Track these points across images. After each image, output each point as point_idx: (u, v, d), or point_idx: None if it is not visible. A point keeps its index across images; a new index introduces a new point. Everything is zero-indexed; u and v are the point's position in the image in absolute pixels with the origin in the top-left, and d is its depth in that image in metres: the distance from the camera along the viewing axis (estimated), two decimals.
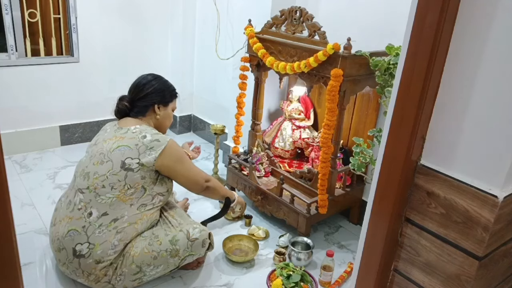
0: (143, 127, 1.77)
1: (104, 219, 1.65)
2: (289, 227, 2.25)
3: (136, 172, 1.67)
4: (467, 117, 0.98)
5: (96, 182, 1.67)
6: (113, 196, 1.66)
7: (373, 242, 1.19)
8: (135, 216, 1.70)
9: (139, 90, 1.85)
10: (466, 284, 1.05)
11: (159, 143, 1.71)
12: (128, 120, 1.83)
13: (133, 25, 3.22)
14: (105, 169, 1.67)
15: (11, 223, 0.76)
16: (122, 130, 1.76)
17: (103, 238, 1.64)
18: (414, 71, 1.00)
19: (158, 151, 1.70)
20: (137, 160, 1.67)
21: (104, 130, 1.86)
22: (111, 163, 1.68)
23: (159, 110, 1.86)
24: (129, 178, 1.67)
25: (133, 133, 1.73)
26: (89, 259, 1.63)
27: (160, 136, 1.74)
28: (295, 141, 2.46)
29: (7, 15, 2.68)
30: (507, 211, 1.01)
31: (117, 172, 1.66)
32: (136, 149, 1.68)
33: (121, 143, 1.70)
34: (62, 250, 1.67)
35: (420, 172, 1.09)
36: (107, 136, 1.78)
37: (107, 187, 1.66)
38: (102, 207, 1.66)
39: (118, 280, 1.67)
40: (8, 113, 2.83)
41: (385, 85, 1.81)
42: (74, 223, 1.66)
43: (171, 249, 1.71)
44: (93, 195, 1.67)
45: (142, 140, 1.70)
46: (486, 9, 0.92)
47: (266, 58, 2.16)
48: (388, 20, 2.08)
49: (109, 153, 1.69)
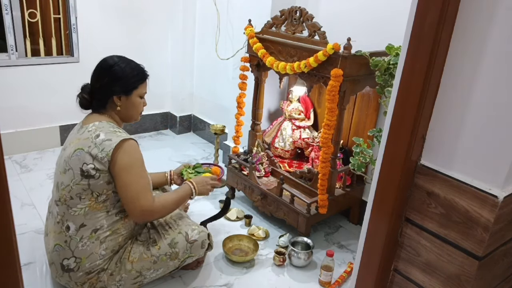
0: (102, 123, 1.58)
1: (83, 231, 1.56)
2: (289, 227, 2.25)
3: (98, 178, 1.52)
4: (467, 117, 0.98)
5: (64, 194, 1.56)
6: (85, 206, 1.55)
7: (373, 242, 1.19)
8: (116, 224, 1.61)
9: (97, 78, 1.64)
10: (466, 284, 1.05)
11: (109, 143, 1.51)
12: (91, 116, 1.64)
13: (133, 25, 3.22)
14: (68, 179, 1.55)
15: (11, 223, 0.76)
16: (82, 129, 1.59)
17: (88, 251, 1.57)
18: (414, 71, 1.00)
19: (109, 152, 1.50)
20: (92, 165, 1.51)
21: (72, 131, 1.70)
22: (72, 171, 1.54)
23: (119, 100, 1.63)
24: (93, 186, 1.53)
25: (88, 131, 1.55)
26: (78, 273, 1.58)
27: (113, 134, 1.54)
28: (295, 141, 2.46)
29: (7, 15, 2.68)
30: (507, 211, 1.01)
31: (79, 181, 1.53)
32: (89, 152, 1.51)
33: (77, 146, 1.54)
34: (51, 264, 1.65)
35: (420, 172, 1.09)
36: (72, 138, 1.63)
37: (75, 198, 1.54)
38: (77, 219, 1.56)
39: (118, 285, 1.64)
40: (8, 113, 2.83)
41: (385, 85, 1.81)
42: (57, 237, 1.60)
43: (171, 252, 1.69)
44: (65, 207, 1.57)
45: (95, 141, 1.52)
46: (486, 9, 0.92)
47: (266, 58, 2.16)
48: (388, 20, 2.08)
49: (69, 160, 1.55)
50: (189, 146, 3.39)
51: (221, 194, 2.65)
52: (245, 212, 2.43)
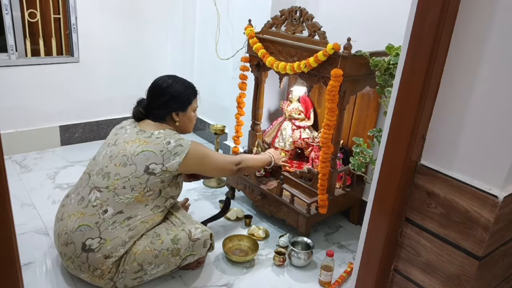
0: (167, 131, 1.77)
1: (118, 217, 1.67)
2: (289, 227, 2.25)
3: (158, 176, 1.69)
4: (467, 117, 0.99)
5: (117, 183, 1.68)
6: (132, 197, 1.68)
7: (373, 242, 1.19)
8: (148, 216, 1.73)
9: (155, 97, 1.83)
10: (466, 284, 1.05)
11: (182, 148, 1.72)
12: (149, 123, 1.82)
13: (133, 25, 3.22)
14: (128, 172, 1.69)
15: (11, 223, 0.76)
16: (146, 133, 1.76)
17: (115, 234, 1.65)
18: (414, 71, 1.00)
19: (182, 156, 1.71)
20: (161, 166, 1.69)
21: (124, 129, 1.84)
22: (134, 166, 1.69)
23: (177, 116, 1.86)
24: (150, 182, 1.69)
25: (157, 138, 1.73)
26: (98, 254, 1.63)
27: (183, 141, 1.75)
28: (295, 141, 2.46)
29: (7, 15, 2.68)
30: (507, 211, 1.01)
31: (140, 175, 1.68)
32: (161, 155, 1.70)
33: (146, 148, 1.70)
34: (70, 244, 1.67)
35: (420, 172, 1.09)
36: (128, 137, 1.77)
37: (127, 188, 1.68)
38: (118, 206, 1.67)
39: (120, 277, 1.68)
40: (8, 113, 2.83)
41: (385, 85, 1.81)
42: (86, 218, 1.67)
43: (173, 248, 1.71)
44: (111, 194, 1.68)
45: (167, 146, 1.71)
46: (486, 9, 0.92)
47: (266, 58, 2.16)
48: (388, 20, 2.08)
49: (133, 157, 1.70)
50: None
51: (221, 194, 2.66)
52: (245, 212, 2.43)
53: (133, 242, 1.69)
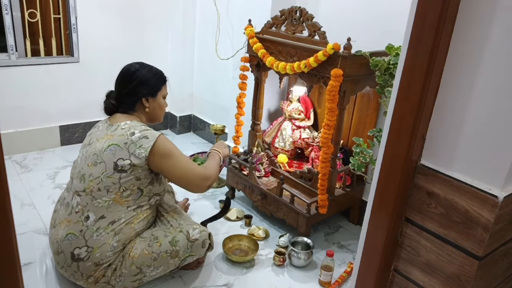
0: (133, 123, 1.70)
1: (101, 222, 1.63)
2: (289, 227, 2.25)
3: (130, 173, 1.63)
4: (467, 117, 0.98)
5: (92, 185, 1.64)
6: (110, 199, 1.64)
7: (373, 242, 1.19)
8: (133, 217, 1.69)
9: (124, 84, 1.76)
10: (466, 284, 1.05)
11: (147, 140, 1.63)
12: (118, 116, 1.76)
13: (133, 25, 3.22)
14: (99, 171, 1.64)
15: (11, 223, 0.76)
16: (113, 127, 1.70)
17: (101, 241, 1.62)
18: (414, 71, 1.00)
19: (147, 148, 1.62)
20: (128, 161, 1.62)
21: (97, 127, 1.80)
22: (104, 164, 1.64)
23: (147, 102, 1.77)
24: (124, 180, 1.63)
25: (122, 129, 1.67)
26: (88, 262, 1.62)
27: (149, 132, 1.67)
28: (295, 141, 2.46)
29: (7, 15, 2.68)
30: (507, 211, 1.01)
31: (111, 174, 1.62)
32: (126, 148, 1.62)
33: (111, 142, 1.64)
34: (60, 253, 1.67)
35: (420, 172, 1.09)
36: (100, 134, 1.72)
37: (103, 190, 1.63)
38: (99, 210, 1.64)
39: (118, 281, 1.67)
40: (8, 113, 2.83)
41: (385, 85, 1.81)
42: (72, 226, 1.65)
43: (171, 250, 1.70)
44: (89, 198, 1.64)
45: (131, 138, 1.63)
46: (486, 9, 0.92)
47: (266, 58, 2.16)
48: (388, 20, 2.08)
49: (101, 154, 1.65)
50: (189, 146, 3.38)
51: (221, 194, 2.66)
52: (245, 212, 2.43)
53: (123, 245, 1.66)
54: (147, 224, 1.77)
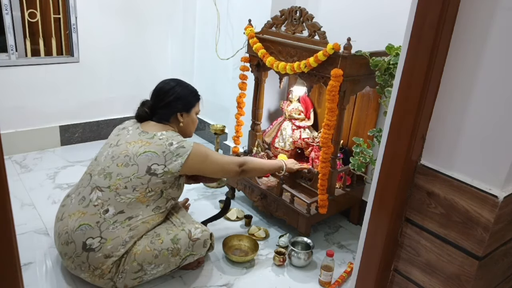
0: (169, 133, 1.78)
1: (119, 217, 1.67)
2: (289, 227, 2.25)
3: (160, 177, 1.70)
4: (467, 117, 0.99)
5: (119, 183, 1.69)
6: (133, 197, 1.69)
7: (373, 242, 1.19)
8: (150, 217, 1.73)
9: (161, 98, 1.86)
10: (466, 284, 1.05)
11: (184, 150, 1.73)
12: (152, 124, 1.84)
13: (133, 25, 3.22)
14: (130, 172, 1.69)
15: (11, 223, 0.76)
16: (148, 135, 1.76)
17: (115, 233, 1.65)
18: (414, 71, 1.00)
19: (184, 157, 1.72)
20: (163, 167, 1.69)
21: (126, 130, 1.85)
22: (136, 167, 1.69)
23: (182, 117, 1.88)
24: (152, 182, 1.69)
25: (160, 139, 1.74)
26: (98, 253, 1.64)
27: (185, 142, 1.76)
28: (295, 141, 2.46)
29: (7, 15, 2.68)
30: (507, 211, 1.01)
31: (142, 176, 1.68)
32: (163, 156, 1.70)
33: (148, 149, 1.71)
34: (70, 243, 1.67)
35: (420, 172, 1.09)
36: (130, 138, 1.78)
37: (129, 188, 1.68)
38: (119, 205, 1.68)
39: (120, 277, 1.68)
40: (8, 113, 2.83)
41: (385, 85, 1.81)
42: (87, 218, 1.67)
43: (172, 248, 1.72)
44: (113, 194, 1.68)
45: (169, 148, 1.72)
46: (486, 9, 0.92)
47: (266, 58, 2.16)
48: (388, 20, 2.08)
49: (135, 157, 1.71)
50: None
51: (221, 194, 2.66)
52: (245, 212, 2.43)
53: (134, 242, 1.69)
54: (156, 225, 1.80)
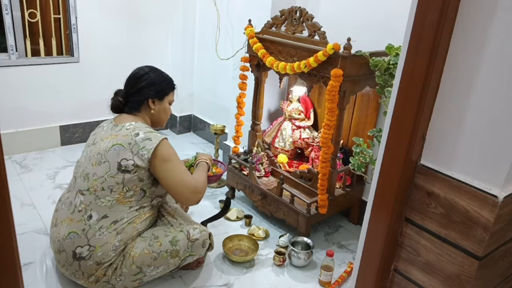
0: (138, 124, 1.72)
1: (104, 222, 1.64)
2: (289, 227, 2.25)
3: (133, 174, 1.65)
4: (467, 117, 0.98)
5: (96, 184, 1.65)
6: (113, 199, 1.65)
7: (373, 242, 1.19)
8: (135, 217, 1.70)
9: (133, 84, 1.79)
10: (466, 284, 1.05)
11: (150, 142, 1.65)
12: (124, 116, 1.78)
13: (133, 25, 3.22)
14: (103, 171, 1.65)
15: (11, 223, 0.76)
16: (117, 127, 1.72)
17: (103, 240, 1.63)
18: (414, 71, 1.00)
19: (150, 151, 1.64)
20: (132, 161, 1.64)
21: (101, 127, 1.82)
22: (108, 164, 1.65)
23: (153, 104, 1.80)
24: (127, 180, 1.65)
25: (126, 129, 1.69)
26: (89, 261, 1.63)
27: (153, 134, 1.69)
28: (295, 141, 2.46)
29: (7, 15, 2.68)
30: (507, 211, 1.01)
31: (115, 174, 1.64)
32: (129, 148, 1.64)
33: (115, 141, 1.66)
34: (62, 252, 1.67)
35: (420, 172, 1.09)
36: (104, 134, 1.74)
37: (106, 190, 1.64)
38: (102, 210, 1.65)
39: (118, 280, 1.67)
40: (8, 113, 2.83)
41: (385, 85, 1.81)
42: (74, 225, 1.65)
43: (171, 249, 1.71)
44: (93, 197, 1.65)
45: (135, 138, 1.65)
46: (486, 9, 0.92)
47: (266, 58, 2.16)
48: (388, 20, 2.08)
49: (106, 153, 1.66)
50: (189, 146, 3.39)
51: (221, 194, 2.66)
52: (245, 212, 2.43)
53: (124, 244, 1.67)
54: (148, 224, 1.77)
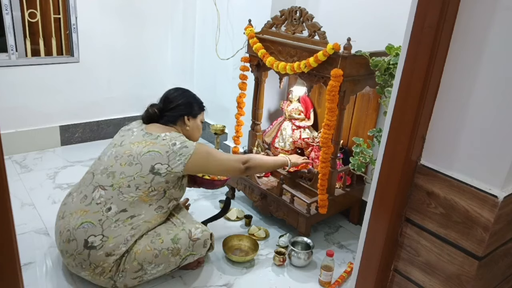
0: (173, 134, 1.81)
1: (122, 215, 1.69)
2: (289, 227, 2.25)
3: (163, 176, 1.72)
4: (467, 117, 0.98)
5: (122, 182, 1.70)
6: (136, 196, 1.70)
7: (373, 242, 1.19)
8: (152, 217, 1.75)
9: (170, 101, 1.93)
10: (466, 284, 1.05)
11: (187, 149, 1.75)
12: (157, 126, 1.87)
13: (133, 25, 3.22)
14: (133, 171, 1.71)
15: (11, 223, 0.76)
16: (152, 136, 1.79)
17: (117, 232, 1.66)
18: (414, 71, 1.00)
19: (187, 156, 1.74)
20: (166, 166, 1.72)
21: (131, 131, 1.88)
22: (140, 166, 1.72)
23: (188, 121, 1.93)
24: (155, 181, 1.71)
25: (163, 139, 1.77)
26: (100, 251, 1.64)
27: (188, 142, 1.78)
28: (295, 141, 2.46)
29: (7, 15, 2.68)
30: (507, 211, 1.01)
31: (145, 175, 1.70)
32: (167, 156, 1.73)
33: (151, 148, 1.74)
34: (72, 241, 1.68)
35: (420, 172, 1.09)
36: (135, 139, 1.80)
37: (132, 187, 1.70)
38: (122, 204, 1.69)
39: (120, 276, 1.68)
40: (8, 113, 2.83)
41: (385, 85, 1.81)
42: (89, 216, 1.68)
43: (173, 247, 1.72)
44: (116, 192, 1.70)
45: (172, 148, 1.74)
46: (486, 9, 0.92)
47: (266, 58, 2.16)
48: (388, 20, 2.08)
49: (139, 156, 1.73)
50: None
51: (221, 194, 2.66)
52: (245, 212, 2.43)
53: (135, 240, 1.70)
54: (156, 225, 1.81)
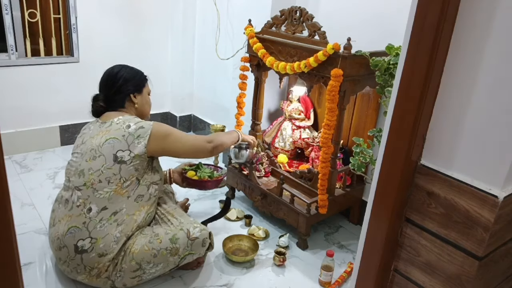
0: (126, 117, 1.78)
1: (104, 214, 1.67)
2: (289, 227, 2.25)
3: (129, 164, 1.69)
4: (467, 117, 0.98)
5: (93, 178, 1.68)
6: (111, 190, 1.68)
7: (373, 242, 1.19)
8: (134, 208, 1.73)
9: (110, 85, 1.86)
10: (466, 284, 1.05)
11: (144, 130, 1.72)
12: (110, 114, 1.83)
13: (133, 25, 3.22)
14: (99, 164, 1.69)
15: (11, 223, 0.76)
16: (106, 124, 1.77)
17: (104, 231, 1.65)
18: (414, 71, 1.00)
19: (146, 137, 1.71)
20: (128, 152, 1.69)
21: (88, 128, 1.87)
22: (103, 157, 1.69)
23: (135, 98, 1.88)
24: (123, 171, 1.69)
25: (117, 124, 1.74)
26: (92, 254, 1.64)
27: (143, 123, 1.76)
28: (295, 141, 2.46)
29: (7, 15, 2.68)
30: (507, 211, 1.01)
31: (111, 166, 1.68)
32: (124, 140, 1.70)
33: (108, 136, 1.72)
34: (63, 248, 1.67)
35: (420, 172, 1.09)
36: (93, 133, 1.79)
37: (104, 182, 1.68)
38: (100, 202, 1.67)
39: (118, 276, 1.68)
40: (8, 113, 2.83)
41: (385, 85, 1.81)
42: (74, 220, 1.67)
43: (171, 247, 1.72)
44: (90, 191, 1.68)
45: (128, 130, 1.72)
46: (486, 9, 0.92)
47: (266, 58, 2.16)
48: (388, 20, 2.08)
49: (99, 148, 1.71)
50: None
51: (221, 194, 2.66)
52: (245, 212, 2.43)
53: (126, 236, 1.69)
54: (147, 218, 1.79)
